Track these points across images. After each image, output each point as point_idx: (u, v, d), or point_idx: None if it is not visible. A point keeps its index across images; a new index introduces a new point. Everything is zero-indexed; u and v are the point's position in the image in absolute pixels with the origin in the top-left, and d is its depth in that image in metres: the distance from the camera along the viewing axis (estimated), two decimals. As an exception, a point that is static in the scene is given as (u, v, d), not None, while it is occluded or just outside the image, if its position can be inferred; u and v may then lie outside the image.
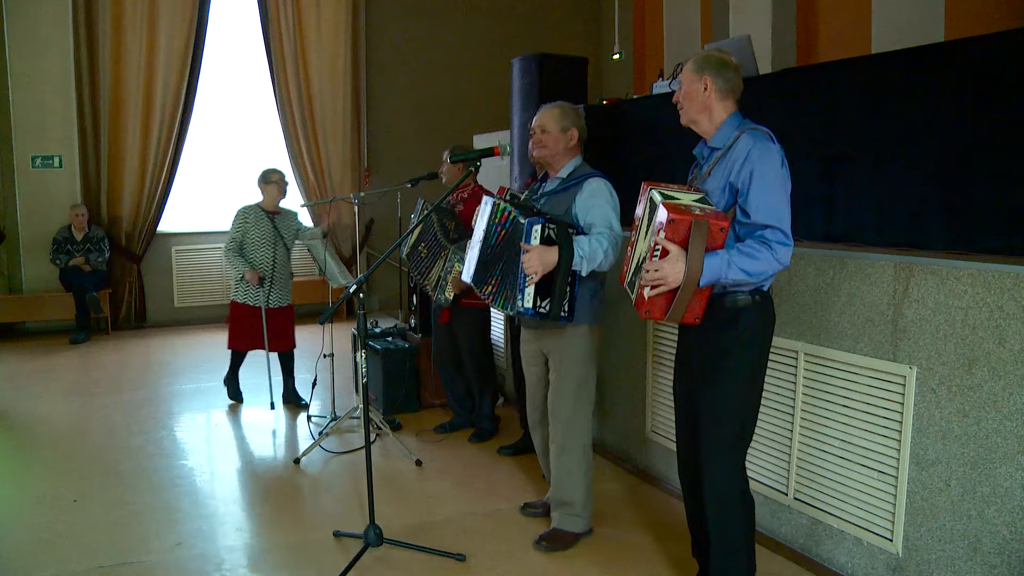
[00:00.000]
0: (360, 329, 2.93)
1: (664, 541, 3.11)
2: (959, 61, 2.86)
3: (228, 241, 4.84)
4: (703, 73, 2.32)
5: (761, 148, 2.20)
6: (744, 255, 2.15)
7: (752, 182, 2.18)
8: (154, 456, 4.15)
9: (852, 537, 2.72)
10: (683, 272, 2.08)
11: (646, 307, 2.20)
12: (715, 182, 2.29)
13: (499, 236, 2.81)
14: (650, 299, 2.17)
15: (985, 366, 2.27)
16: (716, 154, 2.32)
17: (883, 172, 3.10)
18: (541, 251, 2.64)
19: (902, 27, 5.43)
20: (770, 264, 2.16)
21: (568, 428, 3.01)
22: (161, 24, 7.51)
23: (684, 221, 2.07)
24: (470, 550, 3.03)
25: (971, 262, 2.34)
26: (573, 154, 3.04)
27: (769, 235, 2.17)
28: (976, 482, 2.31)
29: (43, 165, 7.39)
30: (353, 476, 3.84)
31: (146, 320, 7.88)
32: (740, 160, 2.21)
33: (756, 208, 2.17)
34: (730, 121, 2.32)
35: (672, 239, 2.10)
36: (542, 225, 2.65)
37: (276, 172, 4.93)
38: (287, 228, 4.92)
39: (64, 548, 3.09)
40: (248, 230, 4.81)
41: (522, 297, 2.69)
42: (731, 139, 2.28)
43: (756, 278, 2.18)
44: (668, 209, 2.09)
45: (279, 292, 4.89)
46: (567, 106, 3.06)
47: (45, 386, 5.59)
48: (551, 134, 2.99)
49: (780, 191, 2.20)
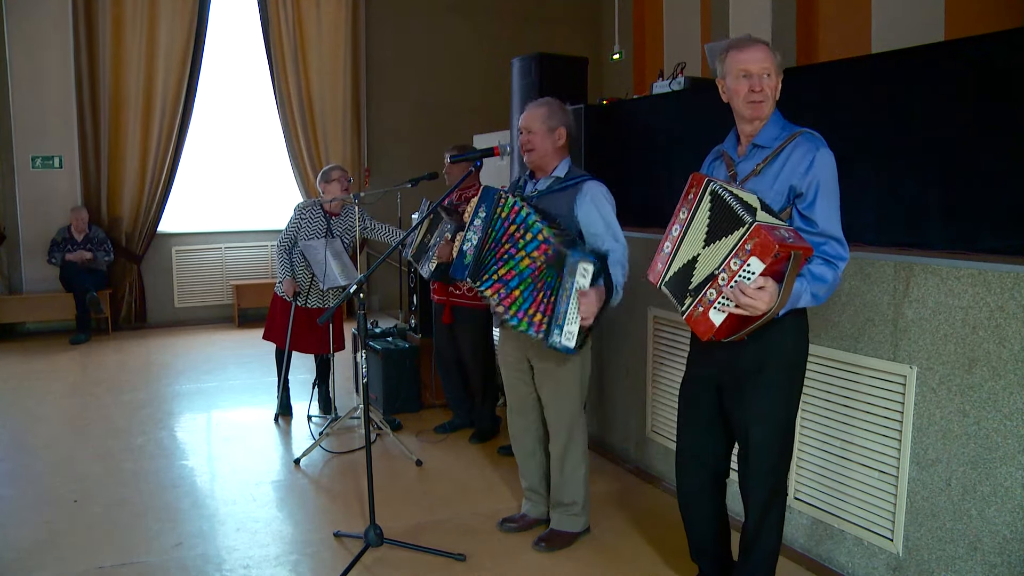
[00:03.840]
0: (360, 329, 2.93)
1: (663, 541, 3.11)
2: (959, 61, 2.86)
3: (281, 237, 4.57)
4: (782, 72, 2.24)
5: (825, 155, 2.15)
6: (817, 281, 2.10)
7: (819, 191, 2.12)
8: (155, 456, 4.15)
9: (852, 537, 2.72)
10: (776, 303, 2.00)
11: (712, 332, 2.08)
12: (767, 182, 2.20)
13: (506, 232, 2.72)
14: (721, 326, 2.06)
15: (985, 366, 2.28)
16: (764, 153, 2.24)
17: (883, 172, 3.10)
18: (596, 294, 2.59)
19: (902, 27, 5.43)
20: (832, 287, 2.13)
21: (570, 434, 2.99)
22: (161, 24, 7.51)
23: (785, 252, 1.94)
24: (471, 550, 3.03)
25: (971, 262, 2.34)
26: (563, 154, 2.95)
27: (831, 252, 2.13)
28: (976, 481, 2.31)
29: (43, 165, 7.39)
30: (353, 476, 3.84)
31: (146, 321, 7.87)
32: (805, 165, 2.14)
33: (825, 218, 2.12)
34: (775, 120, 2.26)
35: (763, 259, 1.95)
36: (592, 263, 2.56)
37: (336, 169, 4.63)
38: (345, 230, 4.61)
39: (64, 548, 3.09)
40: (302, 227, 4.52)
41: (560, 333, 2.59)
42: (781, 139, 2.21)
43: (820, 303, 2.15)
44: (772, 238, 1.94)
45: (330, 292, 4.57)
46: (554, 104, 2.96)
47: (45, 387, 5.59)
48: (537, 134, 2.89)
49: (839, 201, 2.17)
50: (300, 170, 8.23)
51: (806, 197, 2.14)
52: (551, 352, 2.85)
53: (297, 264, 4.54)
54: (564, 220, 2.81)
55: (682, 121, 4.23)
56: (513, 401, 3.16)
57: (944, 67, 2.92)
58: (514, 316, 2.70)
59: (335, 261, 4.42)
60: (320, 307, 4.59)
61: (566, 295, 2.57)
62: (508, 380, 3.14)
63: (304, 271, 4.54)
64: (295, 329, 4.53)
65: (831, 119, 3.36)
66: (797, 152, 2.18)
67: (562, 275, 2.58)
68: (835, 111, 3.34)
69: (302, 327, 4.55)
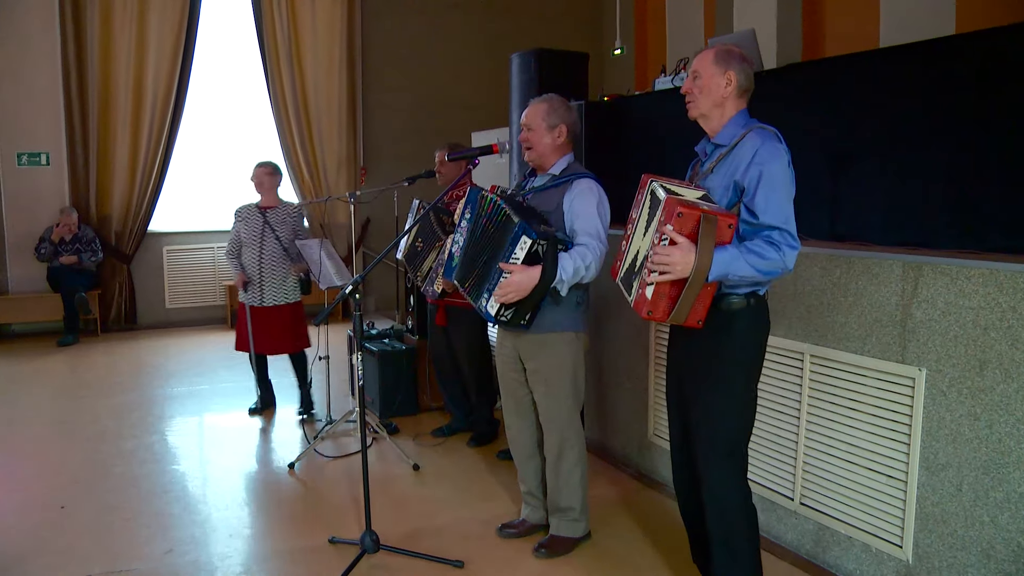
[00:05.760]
0: (356, 330, 2.93)
1: (665, 546, 3.10)
2: (969, 55, 2.85)
3: (228, 243, 4.82)
4: (729, 67, 2.29)
5: (770, 148, 2.19)
6: (753, 253, 2.14)
7: (760, 182, 2.16)
8: (145, 461, 4.13)
9: (860, 543, 2.72)
10: (692, 263, 2.06)
11: (648, 307, 2.16)
12: (718, 180, 2.28)
13: (485, 228, 2.78)
14: (653, 298, 2.15)
15: (997, 368, 2.27)
16: (720, 151, 2.31)
17: (890, 169, 3.10)
18: (523, 275, 2.63)
19: (911, 21, 5.42)
20: (777, 265, 2.15)
21: (564, 436, 2.99)
22: (151, 18, 7.50)
23: (693, 215, 2.06)
24: (469, 557, 3.02)
25: (982, 261, 2.34)
26: (563, 151, 2.96)
27: (777, 237, 2.16)
28: (989, 487, 2.30)
29: (29, 163, 7.38)
30: (349, 481, 3.83)
31: (136, 322, 7.87)
32: (747, 159, 2.20)
33: (764, 210, 2.16)
34: (737, 119, 2.32)
35: (680, 232, 2.08)
36: (533, 241, 2.60)
37: (260, 165, 4.79)
38: (281, 222, 4.75)
39: (52, 556, 3.07)
40: (240, 228, 4.74)
41: (487, 300, 2.68)
42: (737, 137, 2.27)
43: (764, 277, 2.18)
44: (676, 203, 2.08)
45: (271, 290, 4.74)
46: (556, 101, 2.97)
47: (33, 390, 5.57)
48: (536, 131, 2.92)
49: (787, 193, 2.20)
50: (294, 168, 8.22)
51: (748, 191, 2.19)
52: (541, 352, 2.90)
53: (248, 266, 4.70)
54: (553, 216, 2.83)
55: (685, 118, 4.21)
56: (509, 403, 3.16)
57: (953, 61, 2.91)
58: (470, 291, 2.79)
59: (330, 261, 4.42)
60: (276, 304, 4.73)
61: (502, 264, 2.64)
62: (504, 381, 3.15)
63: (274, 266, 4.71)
64: (254, 330, 4.70)
65: (837, 115, 3.36)
66: (744, 148, 2.23)
67: (505, 242, 2.64)
68: (841, 107, 3.34)
69: (257, 327, 4.72)
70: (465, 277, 2.85)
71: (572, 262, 2.69)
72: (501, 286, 2.64)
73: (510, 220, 2.67)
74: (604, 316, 3.97)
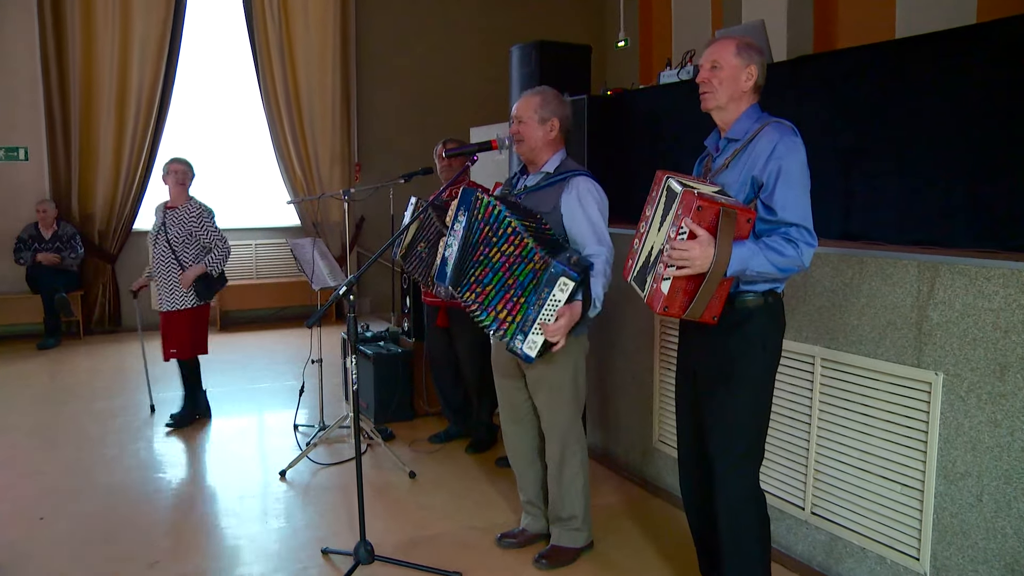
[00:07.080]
0: (350, 333, 2.92)
1: (671, 555, 3.09)
2: (988, 45, 2.84)
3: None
4: (751, 61, 2.30)
5: (788, 143, 2.20)
6: (772, 249, 2.15)
7: (779, 178, 2.18)
8: (130, 469, 4.12)
9: (875, 555, 2.71)
10: (712, 257, 2.06)
11: (664, 302, 2.15)
12: (734, 175, 2.28)
13: (482, 233, 2.71)
14: (669, 293, 2.13)
15: (1019, 372, 2.26)
16: (734, 146, 2.32)
17: (906, 166, 3.09)
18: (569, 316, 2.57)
19: (928, 9, 5.39)
20: (794, 262, 2.16)
21: (565, 443, 2.99)
22: (135, 8, 7.48)
23: (712, 208, 2.06)
24: (467, 567, 3.01)
25: (1003, 261, 2.33)
26: (556, 146, 2.94)
27: (795, 233, 2.17)
28: (1012, 497, 2.29)
29: (7, 158, 7.36)
30: (343, 489, 3.82)
31: (121, 324, 7.85)
32: (766, 154, 2.20)
33: (783, 206, 2.17)
34: (750, 112, 2.33)
35: (696, 222, 2.07)
36: (576, 283, 2.54)
37: (170, 162, 4.74)
38: (178, 222, 4.64)
39: (30, 570, 3.05)
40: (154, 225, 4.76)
41: (523, 340, 2.60)
42: (751, 131, 2.28)
43: (781, 274, 2.18)
44: (695, 196, 2.07)
45: (162, 294, 4.73)
46: (549, 93, 2.95)
47: (11, 395, 5.56)
48: (527, 124, 2.90)
49: (805, 189, 2.21)
50: (287, 165, 8.21)
51: (767, 186, 2.20)
52: (542, 358, 2.83)
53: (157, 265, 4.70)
54: (550, 218, 2.80)
55: (691, 113, 4.19)
56: (507, 410, 3.15)
57: (972, 52, 2.90)
58: (483, 311, 2.71)
59: (323, 261, 4.41)
60: (171, 310, 4.75)
61: (539, 303, 2.57)
62: (501, 388, 3.14)
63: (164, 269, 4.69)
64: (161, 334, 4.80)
65: (850, 110, 3.35)
66: (761, 143, 2.23)
67: (539, 281, 2.57)
68: (854, 101, 3.33)
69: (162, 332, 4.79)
70: (460, 283, 2.80)
71: (598, 282, 2.69)
72: (550, 331, 2.57)
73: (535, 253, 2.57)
74: (607, 318, 3.96)
